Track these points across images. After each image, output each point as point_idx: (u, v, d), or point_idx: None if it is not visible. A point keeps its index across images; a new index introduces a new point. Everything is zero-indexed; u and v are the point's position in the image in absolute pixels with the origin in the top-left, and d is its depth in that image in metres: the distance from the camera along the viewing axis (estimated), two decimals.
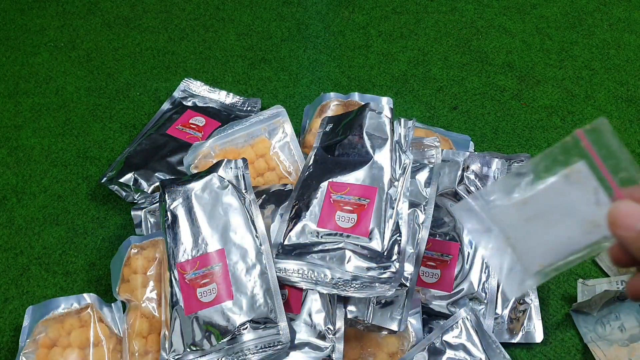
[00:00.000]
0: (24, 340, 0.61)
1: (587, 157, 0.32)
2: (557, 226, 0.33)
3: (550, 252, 0.34)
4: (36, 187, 0.80)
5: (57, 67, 0.96)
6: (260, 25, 1.03)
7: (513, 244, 0.35)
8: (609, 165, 0.32)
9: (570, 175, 0.33)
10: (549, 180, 0.34)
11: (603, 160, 0.32)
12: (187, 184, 0.63)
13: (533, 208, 0.34)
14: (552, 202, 0.33)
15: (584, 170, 0.32)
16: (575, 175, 0.33)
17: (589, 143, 0.32)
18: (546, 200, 0.34)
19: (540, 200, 0.34)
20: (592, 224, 0.32)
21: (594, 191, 0.32)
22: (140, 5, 1.07)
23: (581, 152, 0.32)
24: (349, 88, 0.92)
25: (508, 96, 0.91)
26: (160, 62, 0.97)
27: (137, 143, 0.81)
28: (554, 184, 0.33)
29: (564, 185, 0.33)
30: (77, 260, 0.72)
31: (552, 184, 0.33)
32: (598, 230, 0.32)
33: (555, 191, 0.33)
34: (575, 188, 0.33)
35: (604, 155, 0.32)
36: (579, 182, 0.33)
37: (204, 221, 0.60)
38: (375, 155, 0.63)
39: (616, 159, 0.32)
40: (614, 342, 0.63)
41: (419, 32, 1.02)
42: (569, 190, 0.33)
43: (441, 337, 0.61)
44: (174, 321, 0.57)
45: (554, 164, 0.33)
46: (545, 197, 0.34)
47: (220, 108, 0.87)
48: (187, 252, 0.59)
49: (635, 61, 0.96)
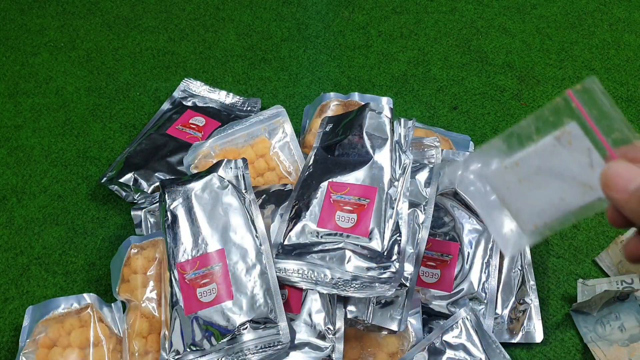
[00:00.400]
0: (24, 340, 0.61)
1: (579, 118, 0.32)
2: (550, 187, 0.33)
3: (544, 213, 0.34)
4: (36, 187, 0.80)
5: (57, 67, 0.96)
6: (260, 25, 1.03)
7: (508, 204, 0.35)
8: (601, 126, 0.31)
9: (561, 136, 0.32)
10: (540, 142, 0.33)
11: (595, 121, 0.31)
12: (187, 184, 0.63)
13: (525, 170, 0.34)
14: (545, 164, 0.33)
15: (575, 131, 0.32)
16: (567, 136, 0.32)
17: (580, 103, 0.31)
18: (538, 161, 0.33)
19: (532, 162, 0.33)
20: (586, 185, 0.32)
21: (587, 152, 0.32)
22: (140, 5, 1.07)
23: (572, 112, 0.32)
24: (349, 88, 0.92)
25: (508, 96, 0.91)
26: (160, 62, 0.97)
27: (137, 143, 0.81)
28: (546, 145, 0.33)
29: (556, 147, 0.33)
30: (77, 260, 0.72)
31: (544, 145, 0.33)
32: (591, 192, 0.32)
33: (547, 153, 0.33)
34: (568, 150, 0.32)
35: (596, 116, 0.31)
36: (571, 143, 0.32)
37: (204, 221, 0.60)
38: (375, 155, 0.63)
39: (608, 119, 0.31)
40: (614, 342, 0.63)
41: (419, 32, 1.02)
42: (562, 152, 0.32)
43: (441, 337, 0.61)
44: (174, 321, 0.57)
45: (545, 126, 0.33)
46: (537, 159, 0.33)
47: (220, 108, 0.87)
48: (187, 252, 0.59)
49: (635, 61, 0.96)
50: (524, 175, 0.34)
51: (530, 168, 0.34)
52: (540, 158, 0.33)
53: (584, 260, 0.71)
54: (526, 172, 0.34)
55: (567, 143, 0.32)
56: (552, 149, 0.33)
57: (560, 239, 0.73)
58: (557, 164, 0.32)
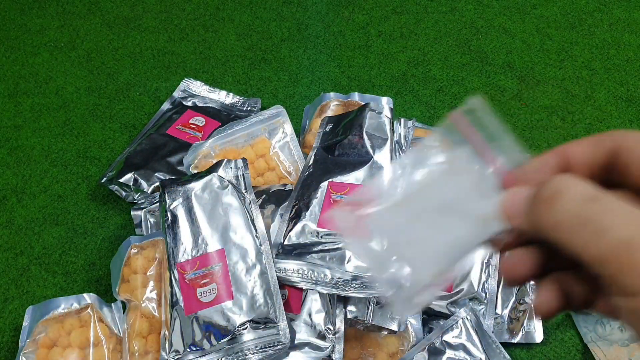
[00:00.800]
0: (24, 340, 0.61)
1: (466, 142, 0.28)
2: (443, 226, 0.27)
3: (440, 258, 0.28)
4: (36, 187, 0.80)
5: (57, 67, 0.96)
6: (260, 25, 1.03)
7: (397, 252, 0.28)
8: (491, 148, 0.28)
9: (451, 163, 0.28)
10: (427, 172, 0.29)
11: (484, 144, 0.28)
12: (187, 184, 0.63)
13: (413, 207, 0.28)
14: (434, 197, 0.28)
15: (463, 157, 0.28)
16: (456, 163, 0.28)
17: (468, 126, 0.28)
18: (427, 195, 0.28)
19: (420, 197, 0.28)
20: (481, 217, 0.27)
21: (478, 180, 0.27)
22: (140, 5, 1.07)
23: (459, 137, 0.28)
24: (349, 88, 0.92)
25: (508, 96, 0.91)
26: (160, 62, 0.97)
27: (137, 143, 0.81)
28: (433, 175, 0.28)
29: (444, 176, 0.28)
30: (77, 260, 0.72)
31: (431, 175, 0.29)
32: (490, 224, 0.27)
33: (436, 184, 0.28)
34: (456, 179, 0.28)
35: (484, 138, 0.28)
36: (460, 171, 0.28)
37: (204, 221, 0.60)
38: (375, 155, 0.63)
39: (497, 140, 0.27)
40: (614, 342, 0.63)
41: (419, 32, 1.02)
42: (451, 182, 0.28)
43: (441, 337, 0.61)
44: (174, 321, 0.57)
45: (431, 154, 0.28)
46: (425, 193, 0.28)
47: (220, 108, 0.87)
48: (187, 252, 0.59)
49: (635, 61, 0.96)
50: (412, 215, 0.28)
51: (419, 204, 0.28)
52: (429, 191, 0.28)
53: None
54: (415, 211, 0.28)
55: (456, 171, 0.28)
56: (440, 179, 0.28)
57: None
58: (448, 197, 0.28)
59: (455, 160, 0.28)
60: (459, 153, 0.28)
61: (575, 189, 0.23)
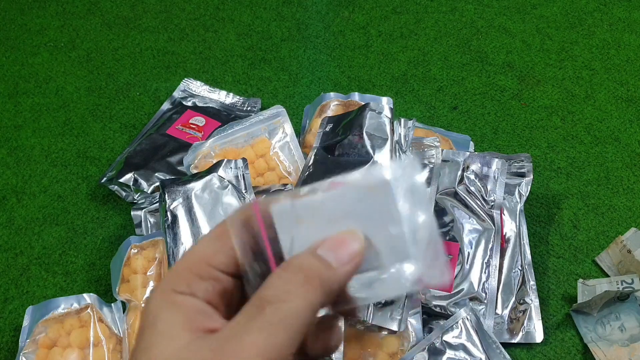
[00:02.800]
0: (24, 340, 0.61)
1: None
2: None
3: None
4: (36, 187, 0.80)
5: (57, 67, 0.96)
6: (260, 25, 1.03)
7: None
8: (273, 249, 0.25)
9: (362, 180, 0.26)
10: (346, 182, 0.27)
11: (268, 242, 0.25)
12: (187, 184, 0.63)
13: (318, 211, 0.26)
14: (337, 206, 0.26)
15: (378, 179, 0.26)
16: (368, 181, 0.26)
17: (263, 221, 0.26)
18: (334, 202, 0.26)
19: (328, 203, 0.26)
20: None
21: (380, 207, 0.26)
22: (140, 5, 1.07)
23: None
24: (349, 88, 0.92)
25: (508, 96, 0.91)
26: (160, 62, 0.97)
27: (137, 143, 0.81)
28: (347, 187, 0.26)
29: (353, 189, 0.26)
30: (77, 260, 0.72)
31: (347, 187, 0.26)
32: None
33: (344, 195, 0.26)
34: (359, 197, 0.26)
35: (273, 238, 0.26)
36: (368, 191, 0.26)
37: (204, 221, 0.60)
38: (376, 155, 0.63)
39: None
40: (614, 342, 0.63)
41: (419, 32, 1.02)
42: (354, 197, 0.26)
43: (441, 337, 0.61)
44: None
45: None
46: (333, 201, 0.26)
47: (220, 108, 0.87)
48: None
49: (635, 61, 0.96)
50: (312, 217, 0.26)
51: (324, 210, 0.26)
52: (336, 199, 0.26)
53: (584, 260, 0.71)
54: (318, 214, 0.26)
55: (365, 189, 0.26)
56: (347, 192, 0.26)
57: (560, 239, 0.73)
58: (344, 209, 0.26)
59: (376, 187, 0.25)
60: (381, 183, 0.25)
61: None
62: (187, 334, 0.23)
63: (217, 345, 0.22)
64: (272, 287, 0.23)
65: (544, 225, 0.74)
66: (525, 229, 0.70)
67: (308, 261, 0.24)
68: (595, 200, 0.77)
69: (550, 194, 0.77)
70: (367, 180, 0.25)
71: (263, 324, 0.22)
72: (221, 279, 0.25)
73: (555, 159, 0.82)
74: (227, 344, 0.22)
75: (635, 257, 0.66)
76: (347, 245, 0.25)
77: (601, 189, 0.78)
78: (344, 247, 0.25)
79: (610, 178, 0.79)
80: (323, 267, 0.24)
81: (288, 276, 0.24)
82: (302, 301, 0.23)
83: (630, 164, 0.81)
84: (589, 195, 0.77)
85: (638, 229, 0.69)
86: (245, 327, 0.22)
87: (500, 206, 0.69)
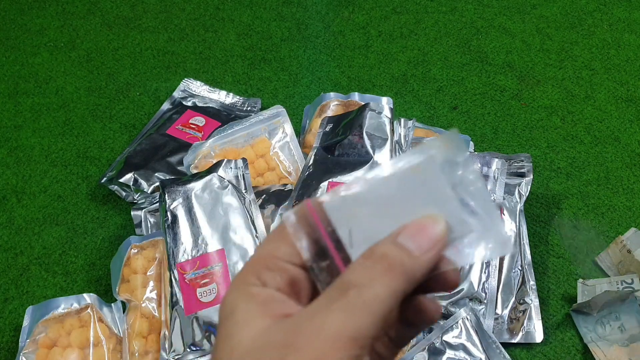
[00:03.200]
0: (24, 340, 0.61)
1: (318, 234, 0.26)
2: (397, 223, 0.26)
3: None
4: (36, 187, 0.80)
5: (57, 67, 0.96)
6: (260, 25, 1.03)
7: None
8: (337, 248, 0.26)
9: (420, 168, 0.26)
10: (396, 171, 0.27)
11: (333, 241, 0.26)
12: (187, 184, 0.63)
13: (375, 201, 0.27)
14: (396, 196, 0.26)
15: (435, 166, 0.26)
16: (427, 170, 0.26)
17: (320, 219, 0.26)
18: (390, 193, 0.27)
19: (382, 193, 0.27)
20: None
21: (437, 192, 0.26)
22: (140, 5, 1.07)
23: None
24: (349, 88, 0.92)
25: (508, 96, 0.91)
26: (160, 62, 0.97)
27: (137, 143, 0.81)
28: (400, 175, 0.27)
29: (410, 179, 0.26)
30: (77, 260, 0.72)
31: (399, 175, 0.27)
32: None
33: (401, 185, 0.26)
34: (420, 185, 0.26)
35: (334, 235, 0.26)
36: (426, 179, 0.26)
37: (204, 221, 0.60)
38: (375, 155, 0.63)
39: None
40: (614, 342, 0.63)
41: (419, 32, 1.02)
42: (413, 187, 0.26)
43: (441, 337, 0.61)
44: (174, 321, 0.57)
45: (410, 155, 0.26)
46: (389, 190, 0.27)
47: (220, 108, 0.87)
48: (187, 252, 0.59)
49: (635, 61, 0.96)
50: (372, 207, 0.27)
51: (380, 199, 0.27)
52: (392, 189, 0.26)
53: (584, 260, 0.71)
54: (375, 203, 0.27)
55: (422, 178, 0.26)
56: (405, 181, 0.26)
57: (561, 239, 0.73)
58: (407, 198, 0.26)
59: (421, 166, 0.26)
60: (425, 160, 0.26)
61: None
62: (265, 319, 0.23)
63: (296, 326, 0.23)
64: (355, 273, 0.24)
65: (544, 225, 0.74)
66: (525, 229, 0.70)
67: (390, 249, 0.24)
68: (595, 200, 0.77)
69: (550, 194, 0.77)
70: (409, 162, 0.26)
71: (346, 305, 0.22)
72: (288, 268, 0.25)
73: (555, 159, 0.82)
74: (307, 322, 0.22)
75: (635, 257, 0.66)
76: (427, 232, 0.25)
77: (601, 189, 0.78)
78: (425, 233, 0.25)
79: (610, 178, 0.79)
80: (405, 255, 0.24)
81: (371, 264, 0.24)
82: (385, 288, 0.23)
83: (630, 164, 0.81)
84: (589, 195, 0.77)
85: (638, 229, 0.69)
86: (327, 307, 0.23)
87: (500, 206, 0.69)
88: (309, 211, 0.26)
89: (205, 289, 0.57)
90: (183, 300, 0.57)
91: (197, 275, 0.58)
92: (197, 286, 0.57)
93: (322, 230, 0.26)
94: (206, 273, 0.58)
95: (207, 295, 0.57)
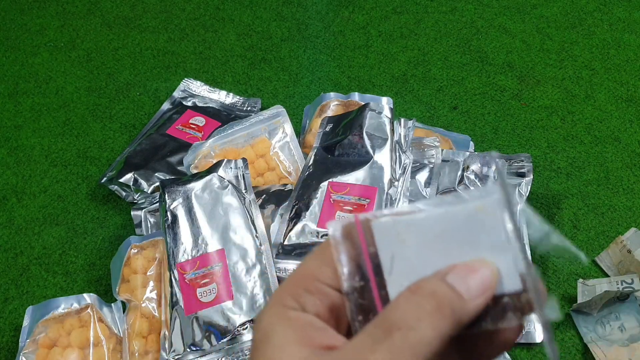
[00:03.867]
0: (24, 340, 0.61)
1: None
2: (451, 259, 0.25)
3: None
4: (36, 187, 0.80)
5: (57, 67, 0.96)
6: (260, 25, 1.03)
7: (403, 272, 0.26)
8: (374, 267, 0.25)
9: (480, 208, 0.25)
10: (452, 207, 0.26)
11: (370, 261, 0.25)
12: (187, 184, 0.63)
13: (426, 231, 0.26)
14: (451, 230, 0.25)
15: (496, 206, 0.25)
16: (487, 209, 0.25)
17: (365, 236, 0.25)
18: (444, 227, 0.25)
19: (436, 226, 0.26)
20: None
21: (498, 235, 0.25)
22: (140, 5, 1.07)
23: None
24: (349, 88, 0.92)
25: (508, 96, 0.91)
26: (160, 62, 0.97)
27: (137, 143, 0.81)
28: (458, 211, 0.25)
29: (469, 216, 0.25)
30: (77, 260, 0.72)
31: (456, 211, 0.26)
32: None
33: (457, 220, 0.25)
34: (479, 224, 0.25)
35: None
36: (486, 218, 0.25)
37: (204, 221, 0.60)
38: (375, 155, 0.63)
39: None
40: (614, 342, 0.63)
41: (419, 32, 1.02)
42: (473, 224, 0.25)
43: None
44: (174, 321, 0.57)
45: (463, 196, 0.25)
46: (444, 224, 0.26)
47: (220, 108, 0.87)
48: (187, 252, 0.59)
49: (635, 61, 0.96)
50: (423, 237, 0.26)
51: (431, 231, 0.25)
52: (447, 223, 0.25)
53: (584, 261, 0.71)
54: (426, 234, 0.26)
55: (482, 217, 0.25)
56: (463, 217, 0.25)
57: None
58: (463, 235, 0.25)
59: (486, 206, 0.24)
60: (491, 201, 0.25)
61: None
62: (304, 349, 0.22)
63: None
64: (401, 310, 0.22)
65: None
66: (525, 229, 0.70)
67: (440, 287, 0.23)
68: (595, 200, 0.77)
69: (550, 194, 0.77)
70: (475, 200, 0.25)
71: (391, 347, 0.21)
72: (329, 293, 0.24)
73: (555, 159, 0.82)
74: None
75: (635, 257, 0.66)
76: (478, 275, 0.23)
77: (601, 189, 0.78)
78: (476, 276, 0.23)
79: (610, 178, 0.79)
80: (455, 296, 0.23)
81: (418, 301, 0.22)
82: (432, 331, 0.22)
83: (630, 164, 0.81)
84: (589, 195, 0.78)
85: (638, 229, 0.69)
86: (371, 348, 0.21)
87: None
88: (356, 226, 0.25)
89: (205, 289, 0.57)
90: (183, 300, 0.57)
91: (197, 275, 0.58)
92: (197, 286, 0.57)
93: (364, 249, 0.25)
94: (206, 273, 0.58)
95: (207, 295, 0.57)
